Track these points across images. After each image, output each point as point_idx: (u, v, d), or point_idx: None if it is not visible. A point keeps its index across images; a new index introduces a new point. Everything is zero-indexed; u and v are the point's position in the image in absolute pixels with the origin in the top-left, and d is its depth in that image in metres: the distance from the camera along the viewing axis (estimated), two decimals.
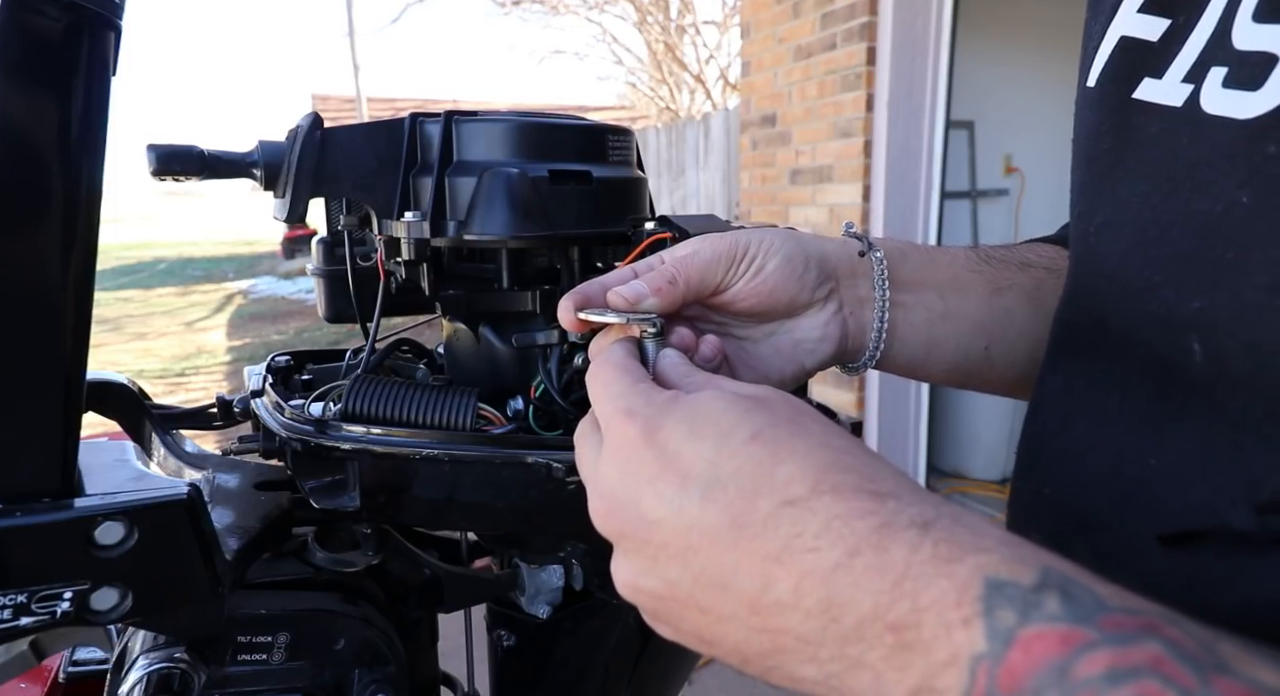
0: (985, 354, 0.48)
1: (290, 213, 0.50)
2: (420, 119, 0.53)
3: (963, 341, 0.47)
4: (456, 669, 0.73)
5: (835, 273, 0.45)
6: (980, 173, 4.04)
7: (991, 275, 0.48)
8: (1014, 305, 0.48)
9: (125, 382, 0.63)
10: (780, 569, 0.26)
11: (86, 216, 0.38)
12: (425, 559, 0.61)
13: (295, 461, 0.49)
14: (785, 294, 0.43)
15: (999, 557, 0.24)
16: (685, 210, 5.35)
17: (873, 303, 0.45)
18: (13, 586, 0.39)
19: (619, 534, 0.30)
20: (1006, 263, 0.49)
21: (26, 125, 0.36)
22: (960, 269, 0.48)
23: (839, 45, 2.98)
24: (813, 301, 0.44)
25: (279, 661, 0.50)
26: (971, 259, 0.49)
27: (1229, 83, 0.29)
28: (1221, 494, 0.29)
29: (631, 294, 0.39)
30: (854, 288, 0.45)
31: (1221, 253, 0.29)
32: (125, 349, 7.24)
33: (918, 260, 0.47)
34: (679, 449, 0.29)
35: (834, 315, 0.45)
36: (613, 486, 0.30)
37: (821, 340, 0.45)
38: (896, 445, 3.25)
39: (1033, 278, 0.49)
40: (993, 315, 0.48)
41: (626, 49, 12.31)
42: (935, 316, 0.47)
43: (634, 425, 0.30)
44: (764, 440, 0.28)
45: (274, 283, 11.50)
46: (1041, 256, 0.51)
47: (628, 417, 0.31)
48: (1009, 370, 0.49)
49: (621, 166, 0.57)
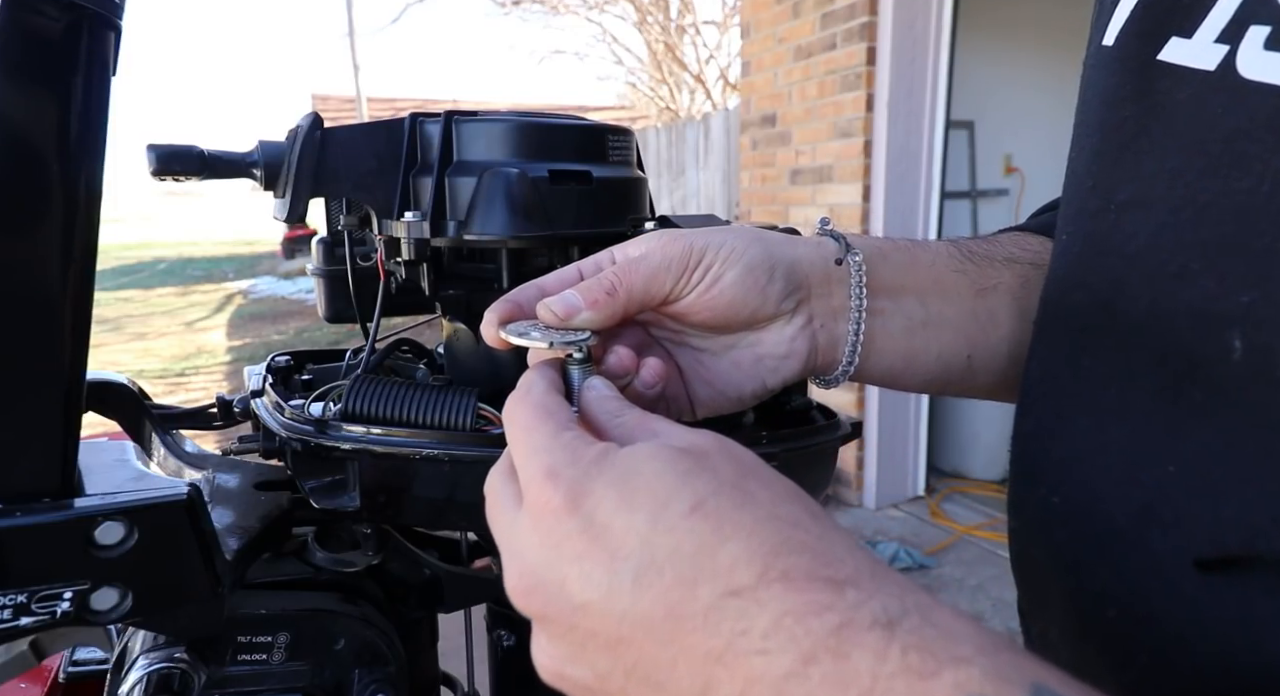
0: (967, 363, 0.44)
1: (290, 213, 0.50)
2: (420, 119, 0.53)
3: (944, 351, 0.43)
4: (456, 669, 0.73)
5: (806, 281, 0.40)
6: (980, 173, 4.04)
7: (975, 275, 0.44)
8: (998, 307, 0.44)
9: (125, 382, 0.63)
10: (723, 671, 0.22)
11: (86, 216, 0.38)
12: (425, 559, 0.61)
13: (295, 461, 0.49)
14: (745, 307, 0.38)
15: (980, 672, 0.20)
16: (685, 210, 5.34)
17: (847, 313, 0.41)
18: (13, 586, 0.39)
19: (541, 615, 0.27)
20: (991, 259, 0.45)
21: (26, 125, 0.36)
22: (943, 269, 0.44)
23: (839, 45, 2.98)
24: (778, 314, 0.40)
25: (279, 661, 0.50)
26: (954, 256, 0.45)
27: (1271, 44, 0.26)
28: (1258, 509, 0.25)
29: (563, 308, 0.35)
30: (827, 297, 0.41)
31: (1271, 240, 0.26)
32: (125, 349, 7.24)
33: (898, 261, 0.43)
34: (609, 521, 0.25)
35: (801, 329, 0.40)
36: (534, 562, 0.26)
37: (786, 357, 0.41)
38: (896, 445, 3.26)
39: (1018, 275, 0.45)
40: (976, 320, 0.44)
41: (626, 49, 12.31)
42: (915, 324, 0.43)
43: (557, 490, 0.26)
44: (705, 513, 0.24)
45: (274, 283, 11.51)
46: (1026, 251, 0.47)
47: (549, 480, 0.27)
48: (990, 377, 0.45)
49: (621, 166, 0.57)
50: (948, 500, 3.32)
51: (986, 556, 2.83)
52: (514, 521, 0.28)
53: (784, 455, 0.50)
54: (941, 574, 2.72)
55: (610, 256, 0.39)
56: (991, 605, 2.51)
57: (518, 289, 0.38)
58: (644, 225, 0.55)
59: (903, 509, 3.26)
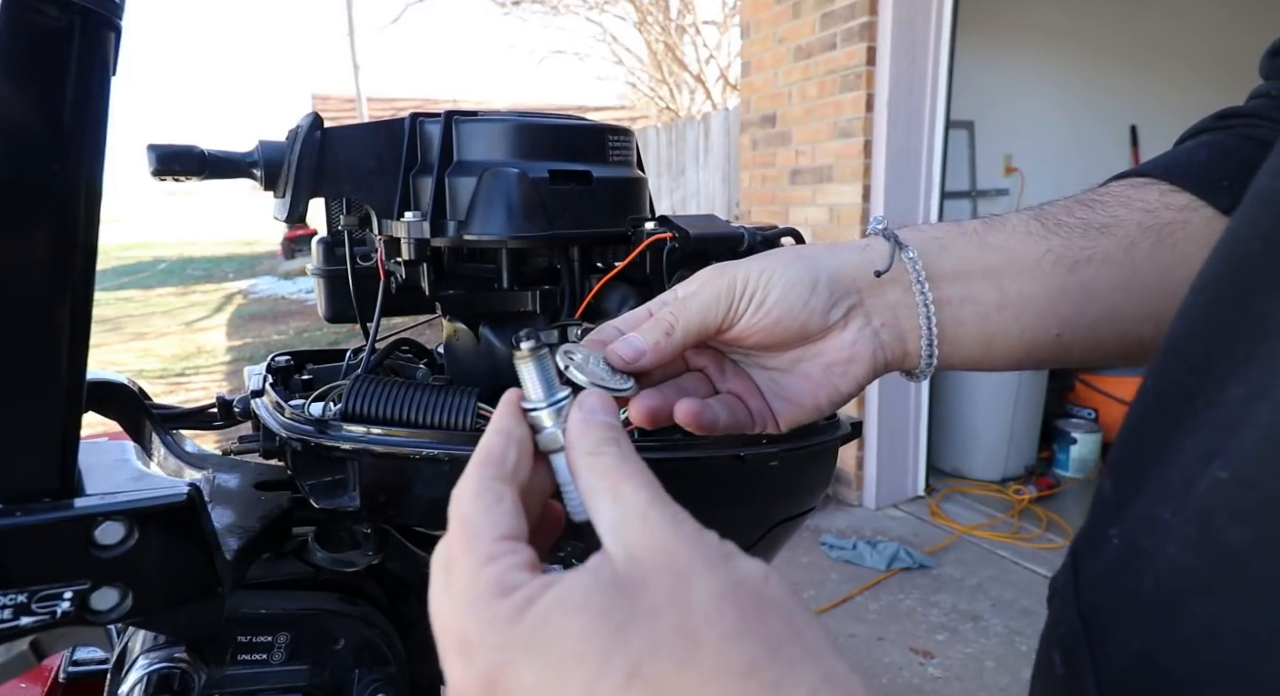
0: (1057, 340, 0.41)
1: (290, 213, 0.50)
2: (420, 119, 0.53)
3: (1027, 331, 0.41)
4: None
5: (855, 287, 0.41)
6: (980, 173, 4.04)
7: (1061, 247, 0.41)
8: (1093, 280, 0.40)
9: (125, 382, 0.63)
10: None
11: (86, 216, 0.38)
12: (425, 559, 0.61)
13: (295, 461, 0.49)
14: (793, 323, 0.39)
15: None
16: (685, 210, 5.34)
17: (910, 308, 0.41)
18: (13, 586, 0.39)
19: None
20: (1086, 227, 0.41)
21: (26, 125, 0.36)
22: (1019, 246, 0.41)
23: (839, 45, 2.98)
24: (829, 325, 0.40)
25: (279, 661, 0.50)
26: (1034, 230, 0.42)
27: None
28: None
29: (630, 353, 0.37)
30: (881, 295, 0.41)
31: None
32: (125, 349, 7.24)
33: (960, 247, 0.41)
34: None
35: (860, 332, 0.41)
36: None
37: (850, 362, 0.41)
38: (896, 445, 3.26)
39: (1120, 241, 0.41)
40: (1067, 296, 0.41)
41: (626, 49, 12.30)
42: (990, 309, 0.41)
43: (471, 667, 0.23)
44: (644, 681, 0.20)
45: (274, 283, 11.51)
46: (1134, 208, 0.42)
47: (462, 652, 0.23)
48: (1085, 351, 0.42)
49: (621, 166, 0.57)
50: (948, 500, 3.32)
51: (986, 556, 2.83)
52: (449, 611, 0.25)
53: (784, 455, 0.50)
54: (941, 574, 2.72)
55: (663, 300, 0.40)
56: (991, 605, 2.51)
57: (599, 330, 0.39)
58: (644, 225, 0.56)
59: (903, 509, 3.26)
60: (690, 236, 0.52)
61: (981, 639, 2.34)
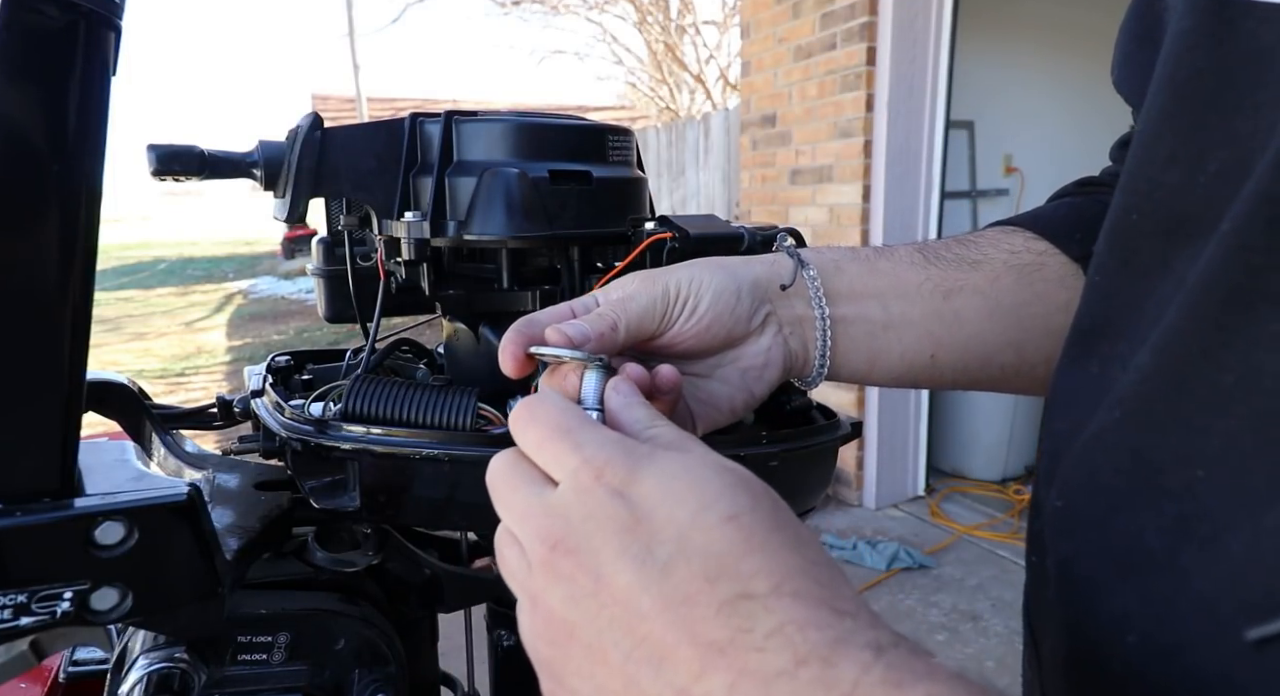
0: (931, 362, 0.47)
1: (290, 213, 0.50)
2: (420, 119, 0.53)
3: (907, 351, 0.46)
4: (456, 669, 0.73)
5: (768, 296, 0.44)
6: (980, 173, 4.04)
7: (939, 277, 0.46)
8: (964, 307, 0.46)
9: (125, 382, 0.63)
10: (721, 660, 0.24)
11: (86, 216, 0.38)
12: (425, 559, 0.61)
13: (295, 461, 0.49)
14: (722, 328, 0.42)
15: (948, 689, 0.22)
16: (685, 210, 5.35)
17: (811, 320, 0.45)
18: (13, 586, 0.39)
19: (568, 576, 0.27)
20: (961, 261, 0.47)
21: (26, 125, 0.36)
22: (903, 273, 0.46)
23: (839, 45, 2.98)
24: (750, 330, 0.43)
25: (279, 661, 0.50)
26: (917, 260, 0.47)
27: None
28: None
29: (577, 334, 0.37)
30: (790, 307, 0.45)
31: None
32: (125, 349, 7.24)
33: (854, 271, 0.46)
34: (653, 509, 0.27)
35: (774, 338, 0.44)
36: (573, 526, 0.28)
37: (765, 366, 0.44)
38: (896, 445, 3.26)
39: (987, 275, 0.47)
40: (941, 320, 0.46)
41: (626, 49, 12.29)
42: (877, 327, 0.46)
43: (613, 475, 0.28)
44: (740, 524, 0.26)
45: (274, 283, 11.51)
46: (1001, 249, 0.48)
47: (607, 465, 0.28)
48: (955, 374, 0.48)
49: (621, 166, 0.57)
50: (947, 500, 3.32)
51: (986, 556, 2.83)
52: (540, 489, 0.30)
53: (784, 455, 0.50)
54: (941, 574, 2.72)
55: (595, 299, 0.41)
56: (991, 605, 2.51)
57: (525, 318, 0.39)
58: (644, 225, 0.56)
59: (903, 509, 3.26)
60: (690, 236, 0.52)
61: (981, 639, 2.34)
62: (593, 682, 0.27)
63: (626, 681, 0.26)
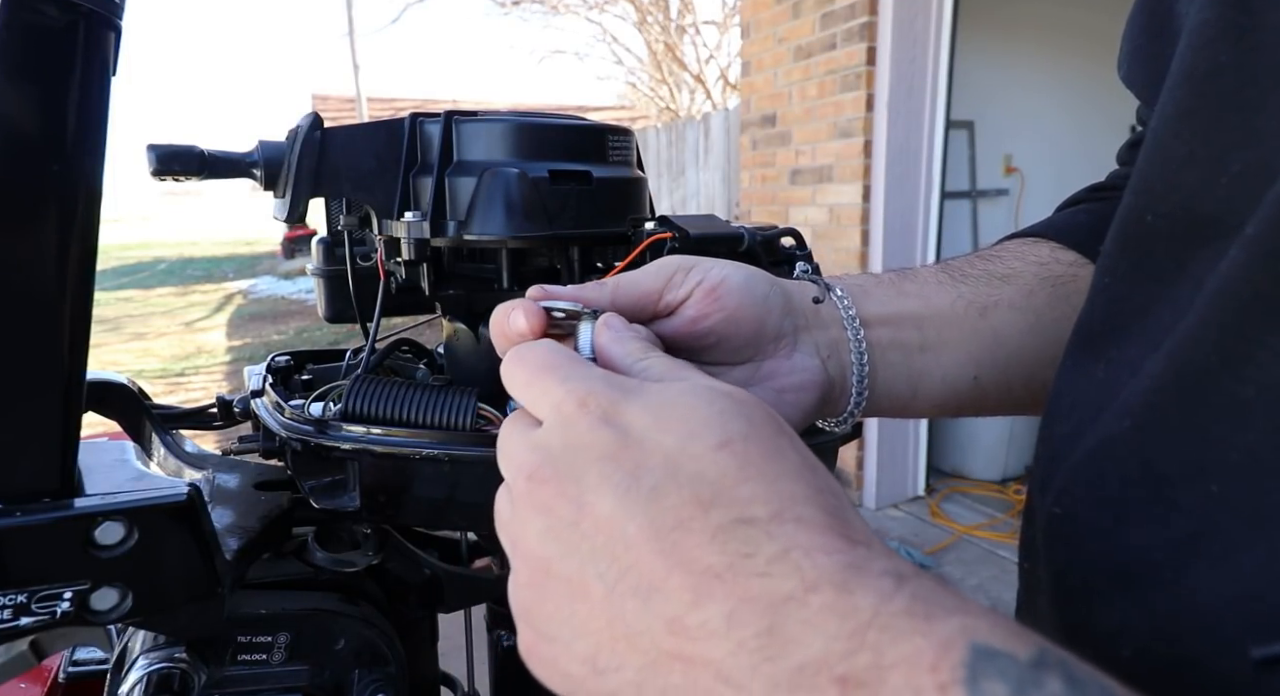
0: (975, 384, 0.43)
1: (290, 213, 0.50)
2: (420, 119, 0.53)
3: (948, 374, 0.43)
4: (456, 669, 0.73)
5: (800, 309, 0.41)
6: (980, 173, 4.04)
7: (970, 294, 0.44)
8: (1002, 324, 0.43)
9: (125, 383, 0.63)
10: (719, 587, 0.22)
11: (86, 216, 0.38)
12: (425, 559, 0.61)
13: (295, 461, 0.49)
14: (753, 312, 0.39)
15: (988, 624, 0.20)
16: (685, 210, 5.34)
17: (846, 343, 0.41)
18: (13, 586, 0.39)
19: (546, 507, 0.26)
20: (989, 277, 0.44)
21: (26, 125, 0.36)
22: (932, 294, 0.43)
23: (839, 45, 2.98)
24: (781, 333, 0.40)
25: (279, 661, 0.50)
26: (943, 280, 0.44)
27: None
28: None
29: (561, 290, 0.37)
30: (824, 329, 0.41)
31: None
32: (125, 349, 7.24)
33: (881, 294, 0.43)
34: (641, 436, 0.25)
35: (810, 360, 0.40)
36: (554, 455, 0.26)
37: (801, 389, 0.40)
38: (896, 445, 3.26)
39: (1020, 290, 0.44)
40: (979, 339, 0.43)
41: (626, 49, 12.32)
42: (914, 350, 0.42)
43: (595, 405, 0.26)
44: (733, 451, 0.24)
45: (274, 283, 11.51)
46: (1029, 261, 0.46)
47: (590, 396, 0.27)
48: (1003, 396, 0.45)
49: (621, 166, 0.56)
50: (948, 500, 3.32)
51: (986, 556, 2.83)
52: (527, 430, 0.28)
53: None
54: (941, 574, 2.72)
55: None
56: (991, 605, 2.51)
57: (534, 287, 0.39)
58: (644, 225, 0.56)
59: (903, 509, 3.26)
60: (690, 236, 0.52)
61: None
62: (572, 623, 0.25)
63: (611, 617, 0.24)
